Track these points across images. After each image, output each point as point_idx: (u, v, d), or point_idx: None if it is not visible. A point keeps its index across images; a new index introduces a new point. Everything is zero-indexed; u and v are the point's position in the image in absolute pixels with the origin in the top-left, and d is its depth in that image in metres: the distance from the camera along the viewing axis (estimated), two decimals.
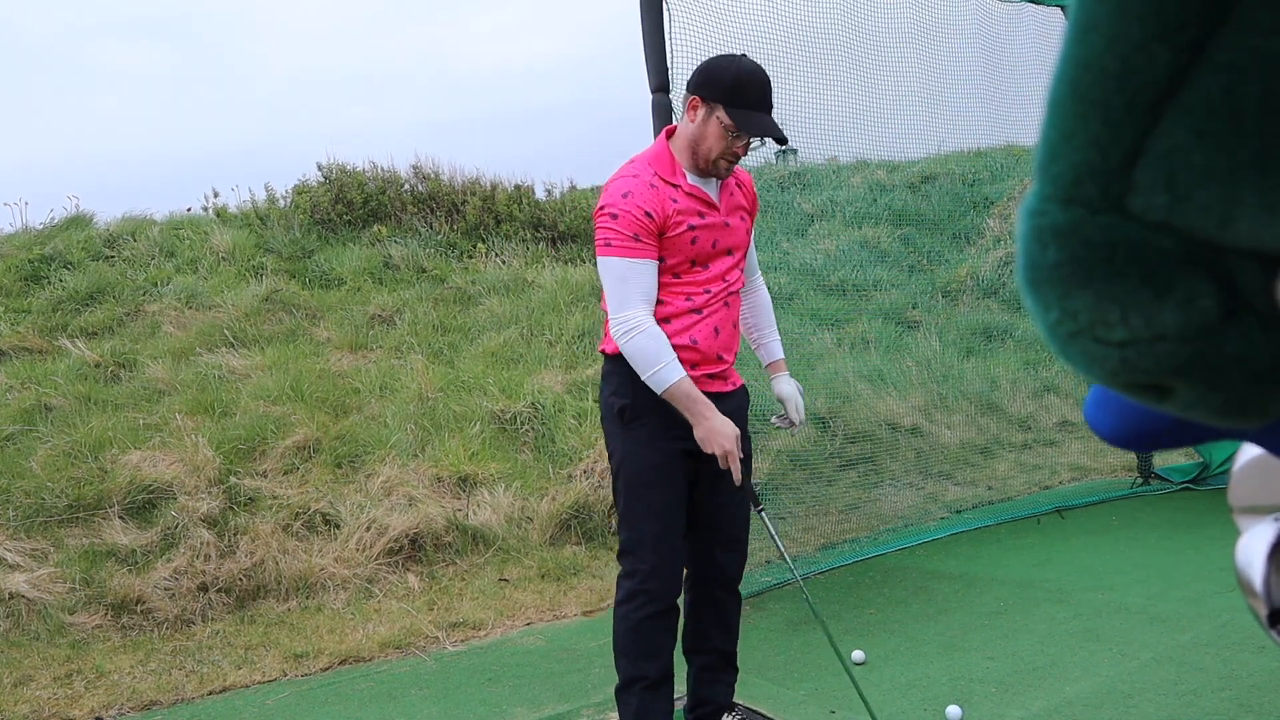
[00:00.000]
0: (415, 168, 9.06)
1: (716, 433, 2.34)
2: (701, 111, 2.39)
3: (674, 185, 2.41)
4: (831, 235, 7.63)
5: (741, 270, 2.56)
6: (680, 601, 2.54)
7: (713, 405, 2.37)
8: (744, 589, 4.11)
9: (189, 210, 9.15)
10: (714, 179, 2.47)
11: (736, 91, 2.35)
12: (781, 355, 2.77)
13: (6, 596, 4.03)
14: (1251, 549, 0.81)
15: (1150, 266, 0.42)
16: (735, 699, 2.97)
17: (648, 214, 2.34)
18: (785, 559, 2.54)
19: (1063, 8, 5.13)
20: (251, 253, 7.96)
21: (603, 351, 2.51)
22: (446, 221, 8.58)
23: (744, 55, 2.42)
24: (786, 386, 2.72)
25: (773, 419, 2.81)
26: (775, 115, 2.42)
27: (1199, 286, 0.42)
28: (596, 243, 2.39)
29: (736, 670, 2.72)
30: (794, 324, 6.62)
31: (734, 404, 2.54)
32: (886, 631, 3.54)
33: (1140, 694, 2.76)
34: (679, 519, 2.46)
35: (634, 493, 2.43)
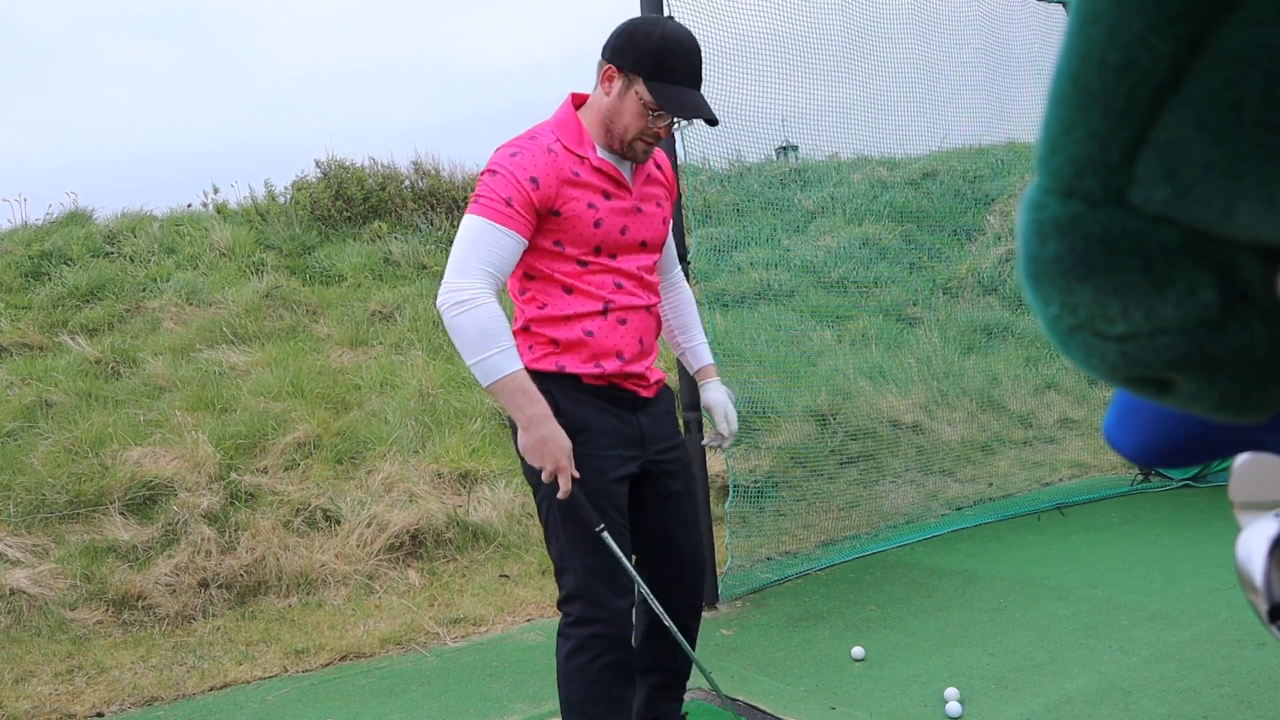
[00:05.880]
0: (415, 164, 9.07)
1: (550, 443, 1.97)
2: (618, 84, 2.04)
3: (579, 156, 2.05)
4: (832, 232, 7.62)
5: (657, 271, 2.26)
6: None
7: (549, 411, 1.99)
8: (744, 586, 4.15)
9: (189, 206, 9.16)
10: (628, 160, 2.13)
11: (660, 63, 1.99)
12: (711, 360, 2.41)
13: (8, 592, 4.03)
14: (1252, 545, 0.81)
15: (1151, 259, 0.42)
16: (735, 695, 2.98)
17: (533, 179, 1.98)
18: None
19: (1064, 2, 5.13)
20: (251, 249, 7.96)
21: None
22: (447, 217, 8.58)
23: (670, 18, 2.11)
24: (716, 394, 2.36)
25: (704, 440, 2.44)
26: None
27: (1199, 279, 0.42)
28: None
29: (685, 687, 2.46)
30: (794, 320, 6.61)
31: (661, 408, 2.24)
32: (886, 628, 3.55)
33: (1140, 690, 2.76)
34: (625, 550, 2.16)
35: (574, 529, 2.08)
